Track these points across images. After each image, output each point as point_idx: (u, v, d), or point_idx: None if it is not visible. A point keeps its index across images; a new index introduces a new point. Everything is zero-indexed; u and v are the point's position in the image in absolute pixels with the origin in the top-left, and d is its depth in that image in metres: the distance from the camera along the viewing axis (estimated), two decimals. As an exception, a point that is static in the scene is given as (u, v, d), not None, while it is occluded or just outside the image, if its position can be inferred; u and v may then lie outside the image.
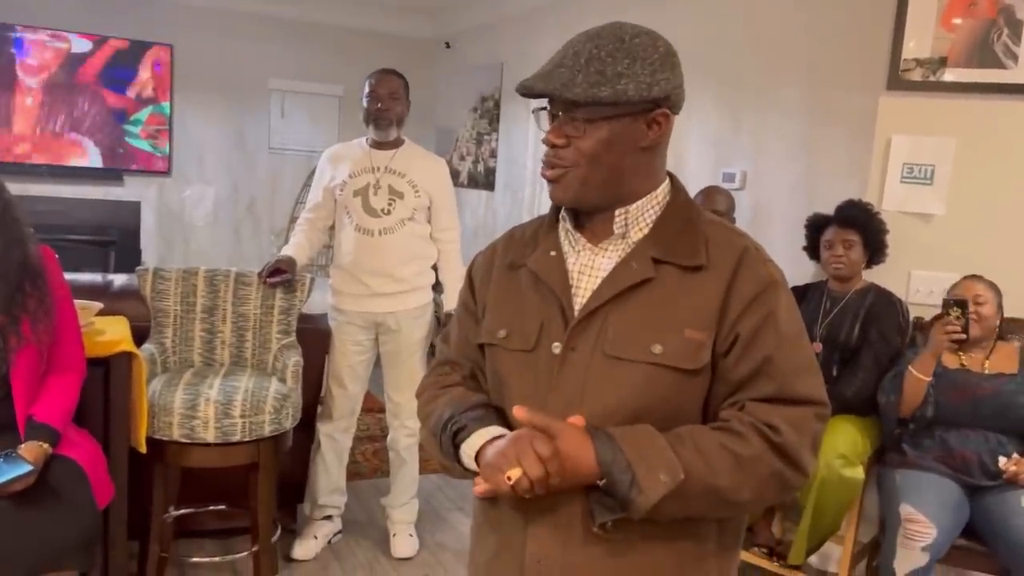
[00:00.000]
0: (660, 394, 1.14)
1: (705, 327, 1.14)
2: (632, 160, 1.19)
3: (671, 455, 1.07)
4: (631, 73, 1.14)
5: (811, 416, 1.14)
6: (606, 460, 1.07)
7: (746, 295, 1.14)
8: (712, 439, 1.10)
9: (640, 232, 1.22)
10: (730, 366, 1.15)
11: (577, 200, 1.22)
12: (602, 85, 1.14)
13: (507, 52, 5.78)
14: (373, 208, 2.89)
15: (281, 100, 6.43)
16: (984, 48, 2.90)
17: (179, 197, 6.23)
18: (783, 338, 1.14)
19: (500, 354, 1.26)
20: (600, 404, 1.15)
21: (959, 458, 2.52)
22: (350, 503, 3.28)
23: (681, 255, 1.18)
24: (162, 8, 5.90)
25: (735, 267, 1.16)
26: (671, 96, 1.18)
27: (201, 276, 2.83)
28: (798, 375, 1.14)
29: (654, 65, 1.16)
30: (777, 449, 1.10)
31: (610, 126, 1.16)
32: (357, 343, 2.97)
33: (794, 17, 3.47)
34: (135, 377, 2.40)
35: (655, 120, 1.17)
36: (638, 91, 1.14)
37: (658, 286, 1.17)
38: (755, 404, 1.12)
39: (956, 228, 2.99)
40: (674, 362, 1.13)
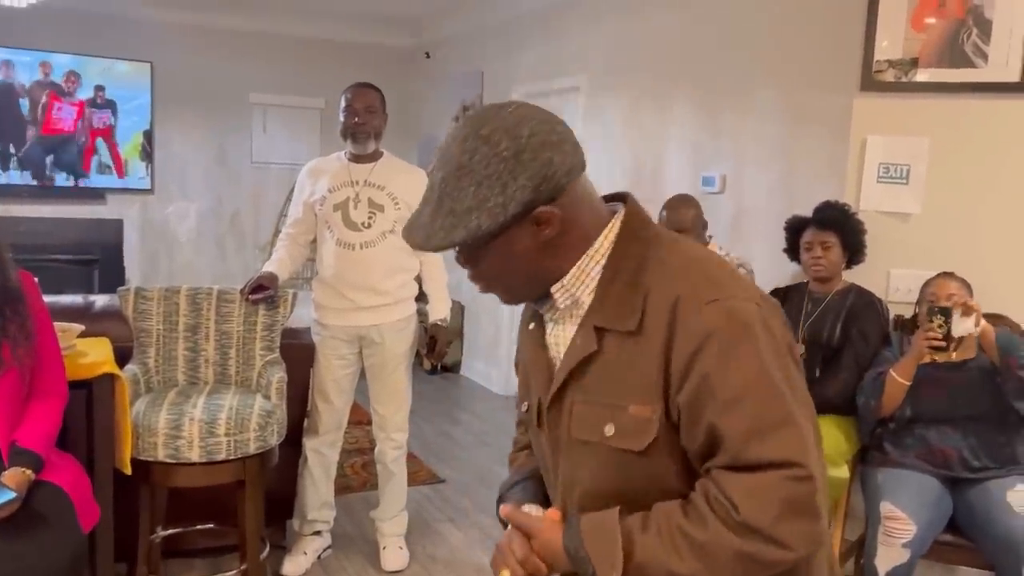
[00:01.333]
0: (624, 474, 1.12)
1: (650, 399, 1.07)
2: (541, 255, 1.12)
3: (619, 553, 1.04)
4: (479, 203, 1.06)
5: (777, 481, 1.01)
6: (571, 553, 1.10)
7: (683, 357, 1.04)
8: (674, 522, 1.05)
9: (590, 294, 1.15)
10: (685, 438, 1.08)
11: (519, 302, 1.22)
12: (456, 228, 1.07)
13: (487, 60, 5.80)
14: (353, 222, 2.89)
15: (263, 114, 6.43)
16: (954, 48, 2.93)
17: (162, 214, 6.22)
18: (725, 403, 1.02)
19: (529, 426, 1.32)
20: (583, 487, 1.17)
21: (940, 454, 2.54)
22: (339, 517, 3.28)
23: (617, 319, 1.10)
24: (141, 26, 5.90)
25: (669, 325, 1.05)
26: (540, 193, 1.07)
27: (183, 295, 2.82)
28: (753, 438, 1.02)
29: (502, 178, 1.05)
30: (738, 527, 1.00)
31: (495, 245, 1.10)
32: (341, 357, 2.98)
33: (769, 21, 3.50)
34: (118, 398, 2.39)
35: (539, 219, 1.08)
36: (493, 220, 1.06)
37: (604, 358, 1.11)
38: (720, 473, 1.04)
39: (932, 226, 3.02)
40: (621, 443, 1.10)
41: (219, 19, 6.15)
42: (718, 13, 3.78)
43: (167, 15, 5.96)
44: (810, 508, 1.02)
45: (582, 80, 4.70)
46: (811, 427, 1.07)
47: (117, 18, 5.82)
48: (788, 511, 1.00)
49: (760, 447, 1.01)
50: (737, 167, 3.69)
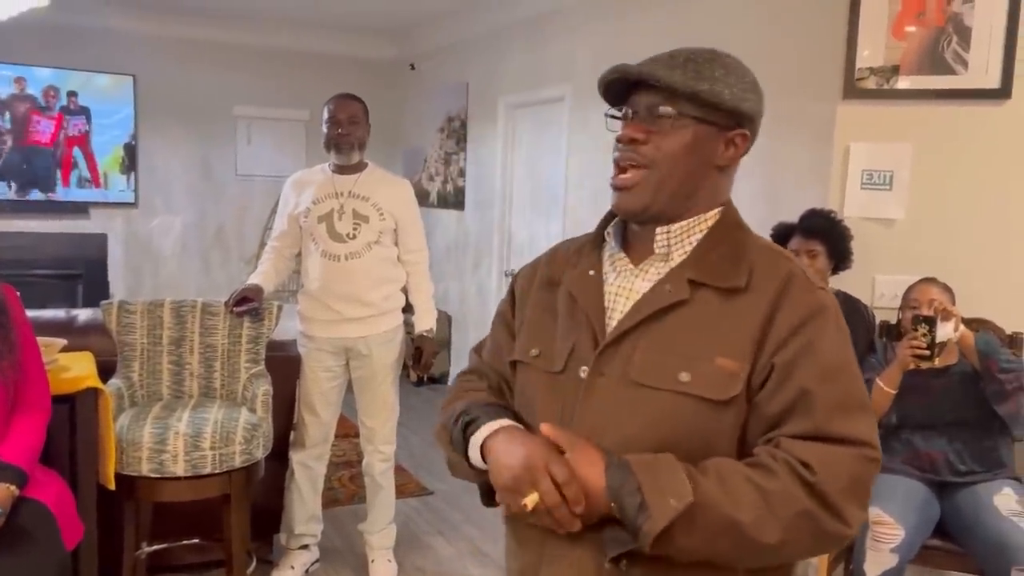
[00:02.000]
0: (686, 425, 1.07)
1: (739, 356, 1.07)
2: (705, 177, 1.16)
3: (683, 480, 1.00)
4: (727, 81, 1.14)
5: (853, 457, 1.03)
6: (615, 484, 1.02)
7: (788, 324, 1.07)
8: (738, 471, 1.02)
9: (683, 253, 1.16)
10: (765, 399, 1.06)
11: (646, 208, 1.16)
12: (701, 81, 1.12)
13: (472, 72, 5.81)
14: (338, 233, 2.88)
15: (247, 127, 6.42)
16: (935, 55, 2.96)
17: (146, 228, 6.19)
18: (824, 371, 1.05)
19: (530, 373, 1.22)
20: (622, 433, 1.09)
21: (926, 458, 2.55)
22: (327, 530, 3.26)
23: (720, 277, 1.11)
24: (124, 39, 5.88)
25: (779, 292, 1.09)
26: (755, 120, 1.17)
27: (167, 308, 2.80)
28: (840, 412, 1.04)
29: (745, 84, 1.16)
30: (809, 488, 1.00)
31: (695, 130, 1.13)
32: (327, 369, 2.96)
33: (751, 30, 3.52)
34: (102, 413, 2.37)
35: (734, 140, 1.16)
36: (733, 98, 1.13)
37: (693, 309, 1.11)
38: (791, 441, 1.03)
39: (916, 231, 3.04)
40: (701, 391, 1.06)
41: (203, 31, 6.14)
42: (700, 23, 3.80)
43: (150, 28, 5.95)
44: (868, 491, 1.06)
45: (567, 90, 4.72)
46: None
47: (99, 31, 5.80)
48: (855, 487, 1.03)
49: (845, 421, 1.04)
50: (722, 175, 3.70)
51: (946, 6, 2.93)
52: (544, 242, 5.13)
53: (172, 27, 6.02)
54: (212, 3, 5.69)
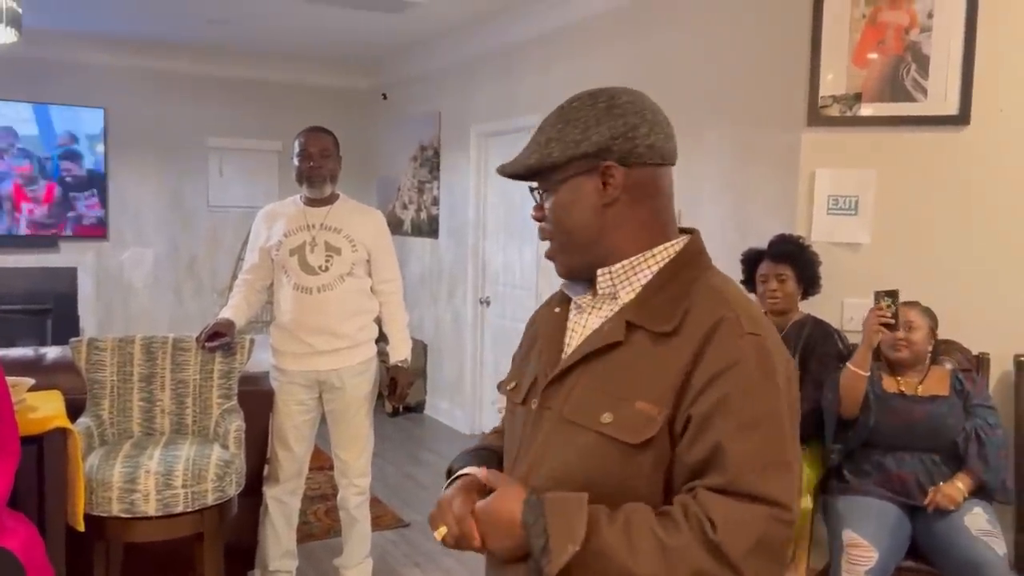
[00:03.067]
0: (607, 466, 1.09)
1: (659, 401, 1.07)
2: (602, 219, 1.17)
3: (582, 527, 1.03)
4: (561, 137, 1.17)
5: (763, 516, 1.01)
6: (528, 522, 1.07)
7: (708, 372, 1.06)
8: (646, 522, 1.03)
9: (631, 293, 1.17)
10: (684, 450, 1.07)
11: (569, 269, 1.23)
12: (532, 155, 1.19)
13: (444, 101, 5.85)
14: (311, 265, 2.88)
15: (219, 158, 6.40)
16: (895, 83, 3.03)
17: (117, 260, 6.13)
18: (740, 425, 1.03)
19: (509, 403, 1.30)
20: (555, 469, 1.14)
21: (897, 480, 2.58)
22: (303, 566, 3.22)
23: (655, 320, 1.12)
24: (94, 72, 5.86)
25: (705, 338, 1.07)
26: (613, 147, 1.14)
27: (138, 344, 2.78)
28: (754, 469, 1.02)
29: (586, 122, 1.16)
30: (709, 547, 1.00)
31: (564, 190, 1.18)
32: (300, 403, 2.94)
33: (716, 61, 3.59)
34: (71, 453, 2.33)
35: (605, 174, 1.15)
36: (563, 151, 1.16)
37: (626, 351, 1.13)
38: (706, 494, 1.03)
39: (882, 255, 3.09)
40: (618, 434, 1.08)
41: (174, 64, 6.13)
42: (666, 54, 3.86)
43: (121, 60, 5.94)
44: (781, 554, 1.04)
45: (537, 119, 4.71)
46: (800, 483, 1.09)
47: (70, 65, 5.77)
48: (762, 548, 1.01)
49: (758, 479, 1.02)
50: (691, 202, 3.74)
51: (904, 35, 3.00)
52: (519, 269, 5.16)
53: (142, 59, 6.01)
54: (182, 36, 5.70)
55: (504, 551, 1.11)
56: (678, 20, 3.81)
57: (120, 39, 5.79)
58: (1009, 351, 2.92)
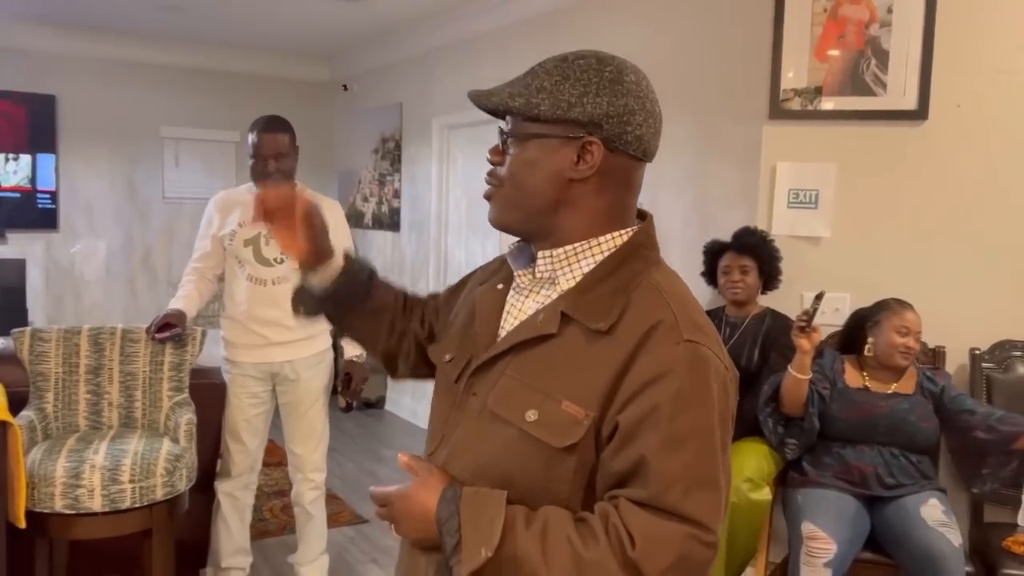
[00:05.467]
0: (527, 465, 1.04)
1: (587, 403, 1.01)
2: (562, 193, 1.08)
3: (497, 531, 0.98)
4: (555, 90, 1.06)
5: (682, 536, 0.97)
6: (441, 517, 1.03)
7: (639, 379, 0.99)
8: (563, 530, 0.98)
9: (571, 280, 1.10)
10: (608, 457, 1.01)
11: (502, 223, 1.14)
12: (518, 97, 1.08)
13: (405, 92, 5.78)
14: (265, 257, 2.80)
15: (175, 148, 6.26)
16: (855, 77, 3.04)
17: (68, 252, 5.96)
18: (666, 440, 0.97)
19: (440, 376, 1.24)
20: (475, 459, 1.09)
21: (856, 472, 2.59)
22: (257, 563, 3.14)
23: (590, 315, 1.05)
24: (43, 59, 5.69)
25: (640, 342, 1.01)
26: (603, 124, 1.05)
27: (84, 335, 2.69)
28: (677, 485, 0.97)
29: (586, 87, 1.06)
30: (625, 562, 0.95)
31: (536, 146, 1.08)
32: (253, 396, 2.87)
33: (678, 54, 3.57)
34: (11, 447, 2.24)
35: (584, 149, 1.06)
36: (552, 109, 1.05)
37: (558, 345, 1.06)
38: (628, 506, 0.98)
39: (842, 249, 3.10)
40: (542, 434, 1.03)
41: (127, 51, 5.97)
42: (628, 47, 3.83)
43: (72, 47, 5.77)
44: (697, 573, 0.99)
45: (500, 111, 4.71)
46: (727, 502, 1.04)
47: (19, 51, 5.60)
48: (680, 568, 0.97)
49: (681, 497, 0.97)
50: (652, 194, 3.73)
51: (864, 29, 3.01)
52: (480, 263, 5.09)
53: (95, 47, 5.85)
54: (136, 23, 5.55)
55: (416, 542, 1.10)
56: (640, 12, 3.80)
57: (72, 25, 5.62)
58: (965, 345, 2.95)
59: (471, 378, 1.14)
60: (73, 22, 5.57)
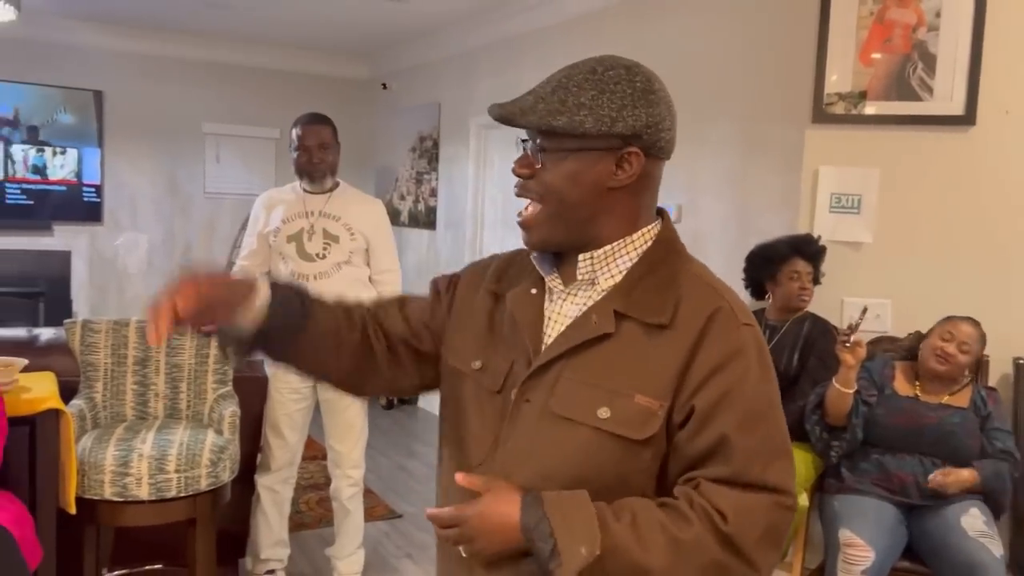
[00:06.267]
0: (604, 462, 1.06)
1: (659, 394, 1.05)
2: (602, 201, 1.11)
3: (595, 527, 0.99)
4: (594, 105, 1.07)
5: (769, 505, 1.03)
6: (528, 525, 1.02)
7: (709, 364, 1.05)
8: (653, 516, 1.02)
9: (611, 279, 1.13)
10: (684, 440, 1.05)
11: (545, 242, 1.15)
12: (560, 114, 1.08)
13: (444, 92, 5.82)
14: (308, 253, 2.85)
15: (216, 144, 6.35)
16: (901, 82, 3.01)
17: (111, 245, 6.08)
18: (744, 417, 1.03)
19: (467, 385, 1.20)
20: (542, 465, 1.09)
21: (896, 480, 2.57)
22: (294, 555, 3.19)
23: (645, 311, 1.08)
24: (91, 55, 5.80)
25: (702, 330, 1.06)
26: (643, 135, 1.09)
27: (132, 327, 2.75)
28: (759, 458, 1.03)
29: (623, 99, 1.08)
30: (722, 538, 1.00)
31: (575, 160, 1.09)
32: (295, 391, 2.91)
33: (722, 56, 3.57)
34: (63, 435, 2.30)
35: (624, 159, 1.09)
36: (597, 125, 1.07)
37: (617, 343, 1.08)
38: (709, 485, 1.03)
39: (884, 255, 3.08)
40: (619, 430, 1.05)
41: (172, 48, 6.08)
42: (672, 48, 3.84)
43: (118, 44, 5.88)
44: (782, 538, 1.06)
45: (539, 112, 4.72)
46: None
47: (66, 47, 5.72)
48: (769, 536, 1.03)
49: (764, 469, 1.04)
50: (693, 198, 3.73)
51: (911, 33, 2.99)
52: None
53: (140, 43, 5.96)
54: (181, 20, 5.65)
55: (496, 556, 1.07)
56: (682, 14, 3.79)
57: (118, 22, 5.73)
58: (1008, 353, 2.92)
59: (524, 384, 1.12)
60: (120, 19, 5.68)
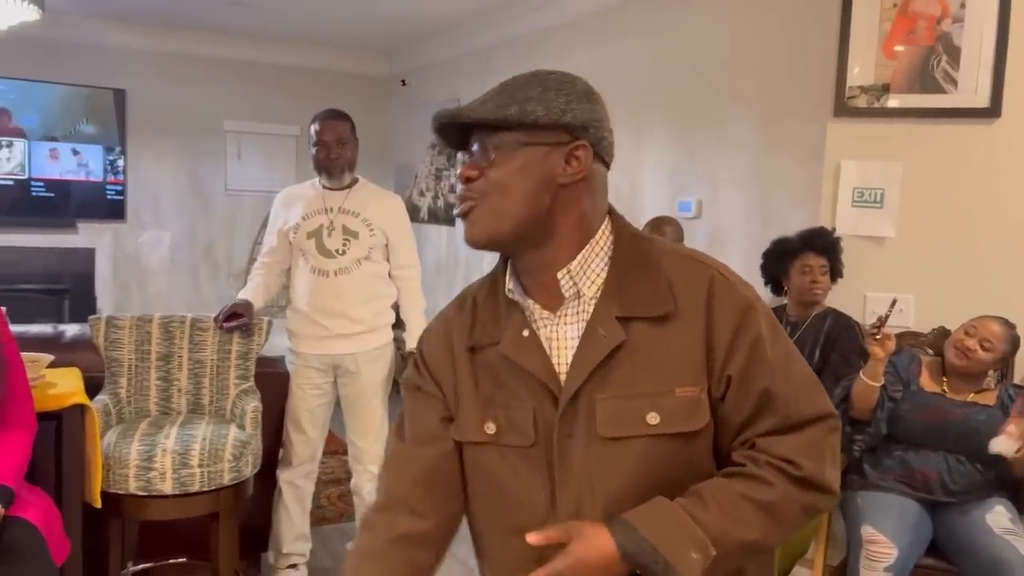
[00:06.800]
0: (667, 462, 1.08)
1: (695, 380, 1.07)
2: (550, 197, 1.10)
3: (694, 528, 1.01)
4: (542, 98, 1.09)
5: (823, 433, 1.10)
6: (629, 551, 1.00)
7: (727, 332, 1.08)
8: (733, 492, 1.04)
9: (593, 286, 1.12)
10: (731, 409, 1.09)
11: (490, 236, 1.11)
12: (509, 106, 1.08)
13: (463, 88, 5.82)
14: (328, 249, 2.86)
15: (237, 142, 6.39)
16: (925, 74, 2.97)
17: (134, 242, 6.14)
18: (774, 364, 1.09)
19: (490, 452, 1.15)
20: (611, 489, 1.08)
21: (920, 476, 2.54)
22: (316, 549, 3.21)
23: (646, 306, 1.08)
24: (113, 53, 5.86)
25: (707, 304, 1.08)
26: (589, 128, 1.10)
27: (156, 323, 2.77)
28: (799, 397, 1.10)
29: (568, 95, 1.10)
30: (801, 483, 1.06)
31: (524, 154, 1.09)
32: (316, 387, 2.93)
33: (742, 50, 3.54)
34: (88, 430, 2.33)
35: (572, 154, 1.09)
36: (548, 114, 1.08)
37: (633, 347, 1.08)
38: (765, 439, 1.08)
39: (907, 250, 3.05)
40: (673, 428, 1.06)
41: (193, 46, 6.13)
42: (692, 42, 3.82)
43: (139, 42, 5.93)
44: (839, 454, 1.13)
45: (558, 107, 4.71)
46: None
47: (88, 45, 5.77)
48: (831, 459, 1.10)
49: (809, 404, 1.10)
50: (713, 192, 3.71)
51: (936, 25, 2.95)
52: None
53: (162, 41, 6.00)
54: (203, 18, 5.68)
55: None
56: (701, 7, 3.76)
57: (140, 20, 5.78)
58: (1035, 349, 2.88)
59: (560, 422, 1.09)
60: (142, 18, 5.72)
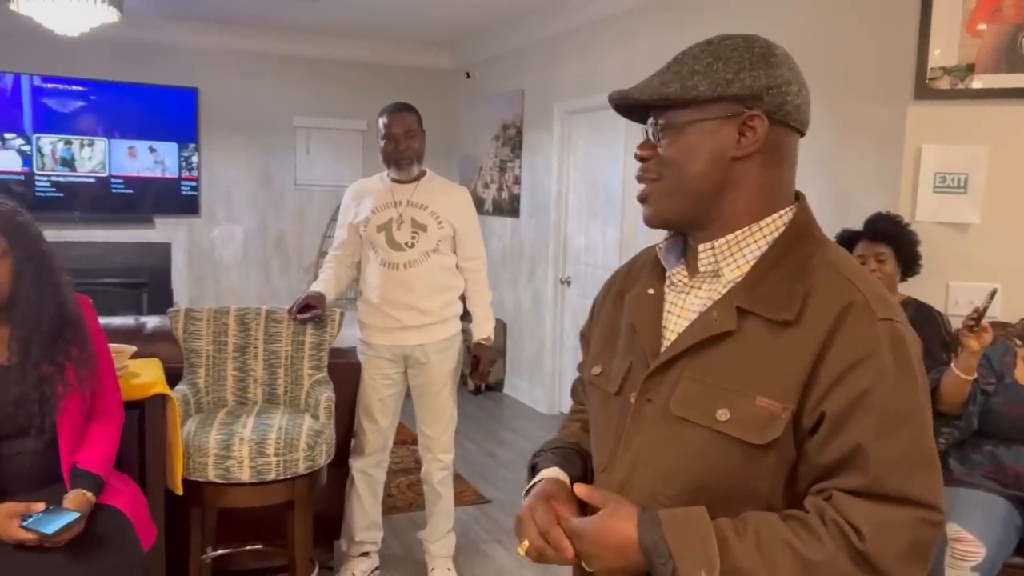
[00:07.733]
0: (724, 466, 1.00)
1: (784, 397, 0.97)
2: (726, 174, 1.05)
3: (714, 549, 0.95)
4: (709, 71, 1.03)
5: (912, 521, 0.94)
6: (647, 544, 0.98)
7: (840, 365, 0.95)
8: (779, 535, 0.95)
9: (737, 270, 1.06)
10: (815, 449, 0.97)
11: (664, 218, 1.10)
12: (671, 84, 1.05)
13: (527, 79, 5.81)
14: (397, 242, 2.89)
15: (306, 137, 6.51)
16: (1012, 53, 2.85)
17: (208, 237, 6.31)
18: (882, 423, 0.94)
19: (594, 393, 1.20)
20: (661, 466, 1.05)
21: (1010, 472, 2.44)
22: (387, 537, 3.26)
23: (770, 306, 1.01)
24: (186, 53, 6.02)
25: (832, 326, 0.96)
26: (763, 96, 1.02)
27: (232, 315, 2.84)
28: (899, 468, 0.94)
29: (740, 63, 1.03)
30: (857, 557, 0.93)
31: (692, 131, 1.04)
32: (386, 377, 2.96)
33: (818, 31, 3.44)
34: (170, 419, 2.40)
35: (747, 124, 1.03)
36: (711, 88, 1.02)
37: (739, 341, 1.02)
38: (844, 497, 0.95)
39: (993, 237, 2.93)
40: (738, 432, 0.99)
41: (262, 45, 6.25)
42: (763, 26, 3.71)
43: (211, 41, 6.08)
44: (929, 556, 0.96)
45: (624, 96, 4.66)
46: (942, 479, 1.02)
47: (164, 46, 5.94)
48: (912, 553, 0.94)
49: (905, 480, 0.94)
50: (785, 180, 3.62)
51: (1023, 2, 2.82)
52: (601, 248, 5.10)
53: (233, 40, 6.15)
54: (271, 16, 5.79)
55: (613, 573, 1.03)
56: (774, -9, 3.68)
57: (213, 20, 5.92)
58: None
59: (643, 385, 1.08)
60: (214, 17, 5.86)
